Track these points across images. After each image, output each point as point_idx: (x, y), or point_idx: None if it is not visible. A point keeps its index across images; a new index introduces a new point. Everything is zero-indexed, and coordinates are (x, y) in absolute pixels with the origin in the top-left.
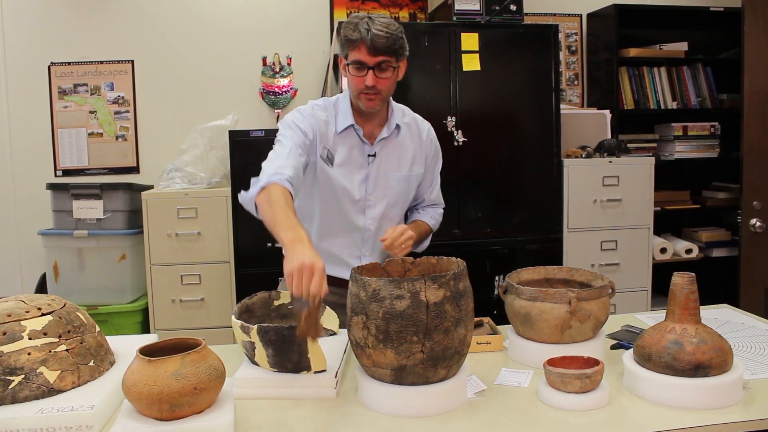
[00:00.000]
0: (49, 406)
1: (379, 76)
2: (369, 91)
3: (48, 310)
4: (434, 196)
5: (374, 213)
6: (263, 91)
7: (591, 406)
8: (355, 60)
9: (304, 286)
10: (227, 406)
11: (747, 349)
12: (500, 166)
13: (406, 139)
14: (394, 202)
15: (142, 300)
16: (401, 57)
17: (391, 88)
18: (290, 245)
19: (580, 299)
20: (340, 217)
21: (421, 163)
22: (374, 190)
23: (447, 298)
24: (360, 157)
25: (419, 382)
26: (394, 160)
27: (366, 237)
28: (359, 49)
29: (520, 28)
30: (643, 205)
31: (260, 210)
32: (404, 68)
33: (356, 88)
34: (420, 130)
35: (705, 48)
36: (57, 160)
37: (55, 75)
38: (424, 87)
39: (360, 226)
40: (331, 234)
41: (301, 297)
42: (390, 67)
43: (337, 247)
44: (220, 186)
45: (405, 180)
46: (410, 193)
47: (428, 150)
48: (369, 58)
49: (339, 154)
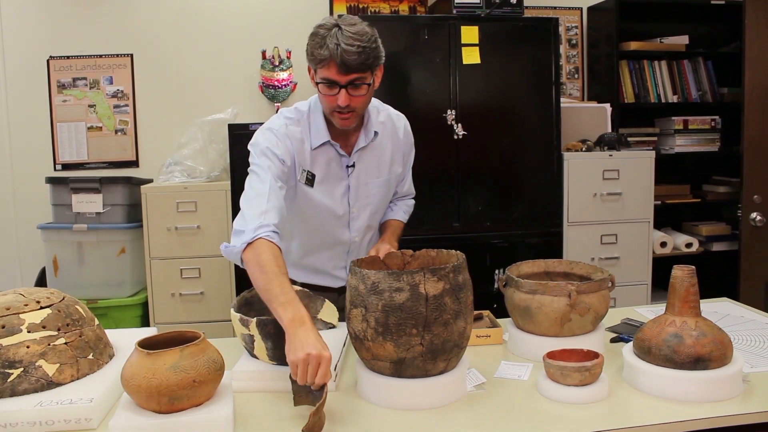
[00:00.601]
0: (48, 399)
1: (352, 94)
2: (343, 110)
3: (47, 303)
4: (406, 188)
5: (358, 225)
6: (263, 84)
7: (591, 399)
8: (324, 78)
9: (309, 376)
10: (226, 399)
11: (746, 342)
12: (500, 159)
13: (383, 140)
14: (376, 210)
15: (141, 294)
16: (376, 68)
17: (366, 104)
18: (292, 328)
19: (579, 292)
20: (323, 234)
21: (399, 162)
22: (356, 201)
23: (446, 290)
24: (338, 170)
25: (419, 375)
26: (373, 167)
27: (351, 249)
28: (329, 67)
29: (520, 22)
30: (644, 199)
31: (250, 272)
32: (381, 75)
33: (329, 107)
34: (396, 127)
35: (706, 41)
36: (56, 154)
37: (54, 69)
38: (423, 80)
39: (345, 240)
40: (315, 250)
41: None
42: (364, 83)
43: (322, 261)
44: (220, 180)
45: (385, 184)
46: (389, 196)
47: (405, 146)
48: (340, 77)
49: (318, 171)
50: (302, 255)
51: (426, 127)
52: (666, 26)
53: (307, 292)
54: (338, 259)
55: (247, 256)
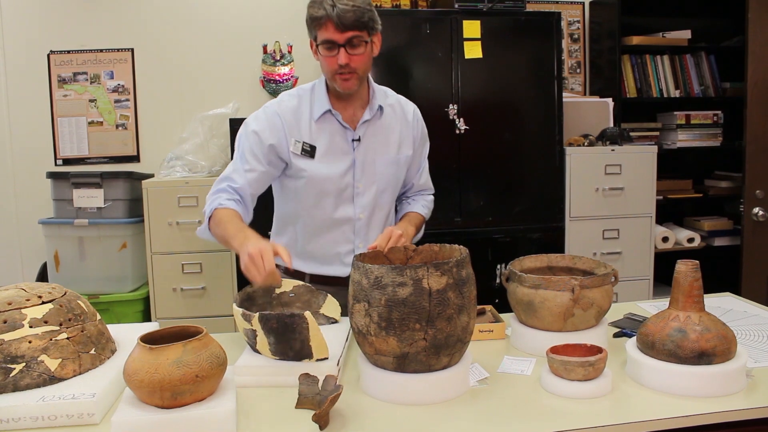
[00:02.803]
0: (50, 394)
1: (351, 53)
2: (343, 71)
3: (48, 298)
4: (423, 181)
5: (364, 201)
6: (264, 79)
7: (594, 394)
8: (324, 39)
9: (259, 270)
10: (229, 394)
11: (750, 337)
12: (502, 154)
13: (391, 120)
14: (383, 188)
15: (143, 289)
16: (373, 31)
17: (366, 66)
18: (240, 247)
19: (583, 287)
20: (326, 211)
21: (409, 145)
22: (362, 176)
23: (450, 285)
24: (343, 144)
25: (422, 370)
26: (381, 144)
27: (357, 227)
28: (326, 27)
29: (522, 16)
30: (646, 194)
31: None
32: (379, 43)
33: (330, 69)
34: (405, 111)
35: (708, 36)
36: (57, 148)
37: (54, 63)
38: (425, 75)
39: (350, 217)
40: (319, 232)
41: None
42: (362, 42)
43: (328, 244)
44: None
45: (394, 164)
46: (400, 178)
47: (415, 131)
48: (338, 35)
49: (320, 143)
50: (306, 239)
51: (428, 121)
52: (668, 20)
53: (309, 287)
54: (344, 242)
55: (212, 227)
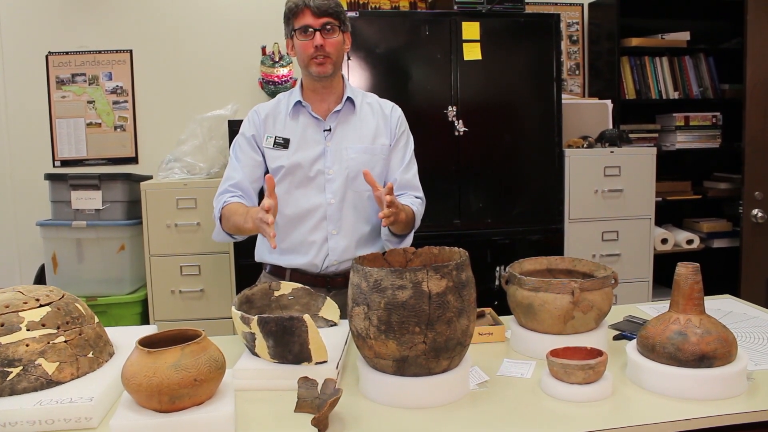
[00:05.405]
0: (47, 397)
1: (326, 38)
2: (318, 54)
3: (46, 301)
4: (409, 177)
5: (334, 187)
6: (263, 80)
7: (594, 397)
8: (301, 25)
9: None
10: (228, 398)
11: (750, 339)
12: (501, 156)
13: (367, 115)
14: (355, 174)
15: (141, 291)
16: (344, 27)
17: (340, 53)
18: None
19: (583, 290)
20: (299, 200)
21: (386, 135)
22: (333, 164)
23: (449, 288)
24: (315, 135)
25: (421, 373)
26: (354, 134)
27: (329, 213)
28: (303, 14)
29: (521, 18)
30: (645, 196)
31: (231, 232)
32: (349, 42)
33: (305, 55)
34: (383, 107)
35: (707, 38)
36: (55, 150)
37: (52, 64)
38: (424, 76)
39: (321, 203)
40: (293, 223)
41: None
42: (336, 28)
43: (303, 234)
44: (220, 176)
45: (367, 152)
46: (375, 167)
47: (393, 124)
48: (313, 20)
49: (294, 136)
50: (283, 235)
51: (427, 123)
52: (667, 22)
53: (308, 290)
54: (318, 230)
55: (224, 226)
